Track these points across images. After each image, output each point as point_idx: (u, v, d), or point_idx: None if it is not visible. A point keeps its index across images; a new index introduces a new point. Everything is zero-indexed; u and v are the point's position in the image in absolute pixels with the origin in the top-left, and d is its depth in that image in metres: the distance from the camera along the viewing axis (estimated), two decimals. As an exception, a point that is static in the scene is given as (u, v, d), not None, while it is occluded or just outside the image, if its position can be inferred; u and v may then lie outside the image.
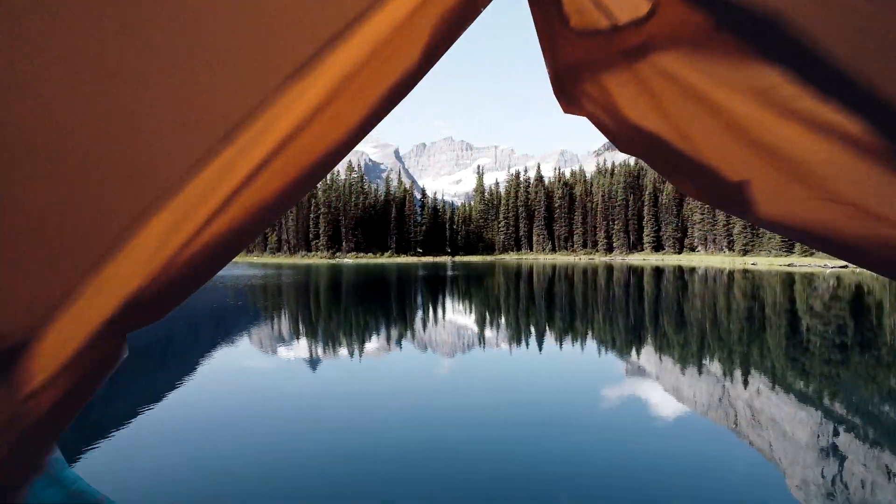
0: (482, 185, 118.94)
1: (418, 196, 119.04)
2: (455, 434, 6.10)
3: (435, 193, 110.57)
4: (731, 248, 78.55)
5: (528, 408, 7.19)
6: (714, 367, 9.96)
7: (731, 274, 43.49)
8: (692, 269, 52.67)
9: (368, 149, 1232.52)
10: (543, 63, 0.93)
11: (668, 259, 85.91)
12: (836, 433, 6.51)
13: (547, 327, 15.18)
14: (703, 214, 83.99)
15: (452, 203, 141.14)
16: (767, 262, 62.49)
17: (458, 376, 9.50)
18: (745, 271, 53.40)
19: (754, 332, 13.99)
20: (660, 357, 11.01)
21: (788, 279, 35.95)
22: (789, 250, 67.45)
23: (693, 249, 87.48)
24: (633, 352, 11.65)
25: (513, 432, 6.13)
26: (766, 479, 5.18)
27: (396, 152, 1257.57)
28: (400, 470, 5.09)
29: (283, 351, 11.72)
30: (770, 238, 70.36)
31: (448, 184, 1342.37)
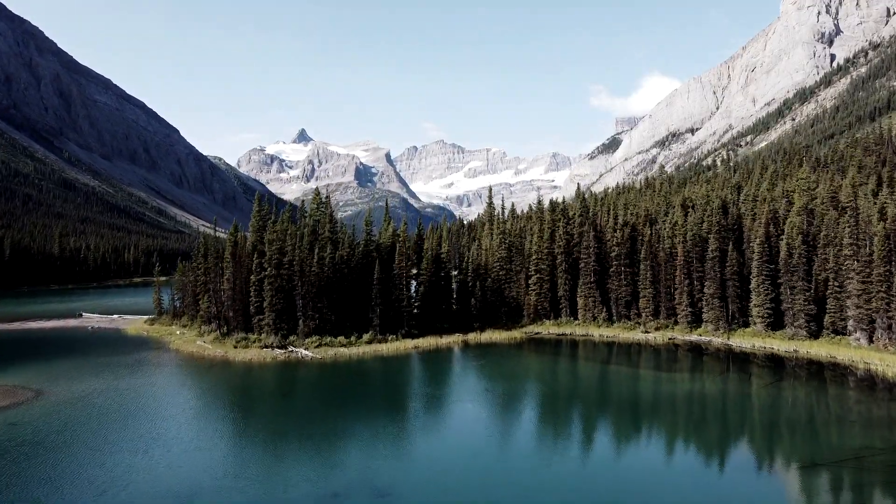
0: (501, 219, 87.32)
1: (411, 209, 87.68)
2: None
3: (441, 248, 77.77)
4: (928, 345, 47.86)
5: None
6: None
7: None
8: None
9: (359, 152, 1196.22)
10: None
11: (804, 348, 55.11)
12: None
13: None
14: (865, 283, 53.16)
15: (449, 213, 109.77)
16: None
17: None
18: None
19: None
20: None
21: None
22: None
23: (839, 334, 56.72)
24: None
25: None
26: None
27: (388, 155, 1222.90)
28: None
29: None
30: None
31: (439, 187, 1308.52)
